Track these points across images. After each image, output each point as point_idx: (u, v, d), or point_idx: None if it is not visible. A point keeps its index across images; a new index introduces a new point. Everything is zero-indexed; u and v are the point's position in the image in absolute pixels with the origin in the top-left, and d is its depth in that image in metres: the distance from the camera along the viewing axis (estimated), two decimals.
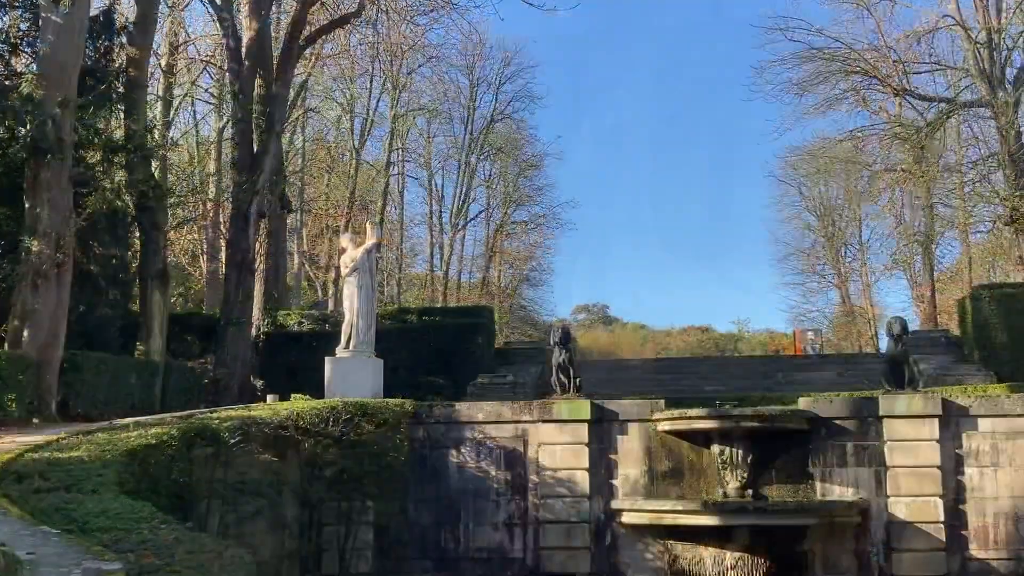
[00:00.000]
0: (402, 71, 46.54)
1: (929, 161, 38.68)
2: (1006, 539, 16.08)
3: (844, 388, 24.79)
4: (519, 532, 17.13)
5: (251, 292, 24.08)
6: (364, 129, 45.19)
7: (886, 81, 36.41)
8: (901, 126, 37.64)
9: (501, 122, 56.21)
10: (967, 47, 35.35)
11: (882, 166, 40.43)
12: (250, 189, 23.04)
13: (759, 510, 15.61)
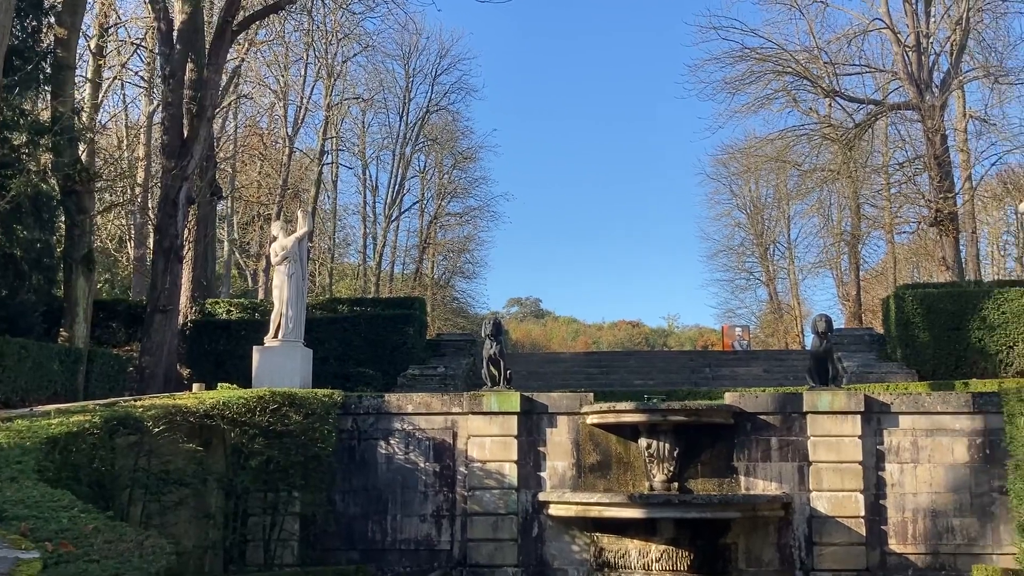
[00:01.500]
0: (337, 59, 46.17)
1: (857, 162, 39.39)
2: (924, 534, 16.45)
3: (770, 384, 25.16)
4: (447, 524, 17.17)
5: (179, 279, 23.69)
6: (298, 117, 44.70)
7: (817, 82, 36.96)
8: (830, 127, 38.25)
9: (437, 113, 56.04)
10: (896, 50, 36.05)
11: (811, 166, 41.06)
12: (180, 175, 22.67)
13: (684, 503, 15.78)
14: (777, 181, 55.28)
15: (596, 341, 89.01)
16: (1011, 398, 16.05)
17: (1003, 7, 37.57)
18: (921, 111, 34.39)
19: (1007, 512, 16.11)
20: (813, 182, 44.21)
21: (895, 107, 37.55)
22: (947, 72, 35.92)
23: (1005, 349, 25.08)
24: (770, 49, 37.16)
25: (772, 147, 42.89)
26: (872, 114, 37.61)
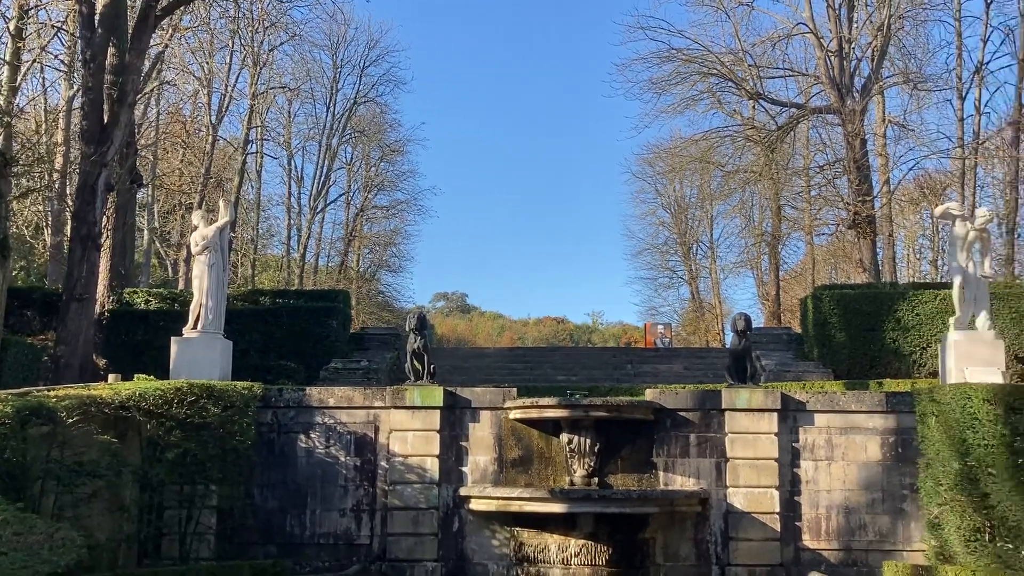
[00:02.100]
0: (263, 48, 45.61)
1: (778, 164, 40.01)
2: (837, 530, 16.77)
3: (690, 381, 25.48)
4: (367, 518, 17.08)
5: (96, 268, 23.20)
6: (222, 105, 44.11)
7: (741, 84, 37.47)
8: (753, 129, 38.82)
9: (365, 105, 55.69)
10: (819, 55, 36.69)
11: (734, 167, 41.61)
12: (99, 161, 22.21)
13: (604, 498, 15.91)
14: (701, 181, 55.92)
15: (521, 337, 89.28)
16: (923, 398, 16.44)
17: (923, 15, 38.54)
18: (842, 115, 35.05)
19: (918, 509, 16.50)
20: (736, 183, 44.81)
21: (817, 111, 38.23)
22: (868, 77, 36.65)
23: (919, 350, 25.70)
24: (696, 51, 37.62)
25: (697, 147, 43.38)
26: (794, 117, 38.24)
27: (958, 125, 39.63)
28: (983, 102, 39.83)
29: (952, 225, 18.58)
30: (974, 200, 38.35)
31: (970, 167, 39.69)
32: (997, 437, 14.95)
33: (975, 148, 39.35)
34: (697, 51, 37.69)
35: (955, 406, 15.56)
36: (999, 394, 15.20)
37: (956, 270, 18.30)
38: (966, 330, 18.04)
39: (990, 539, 14.94)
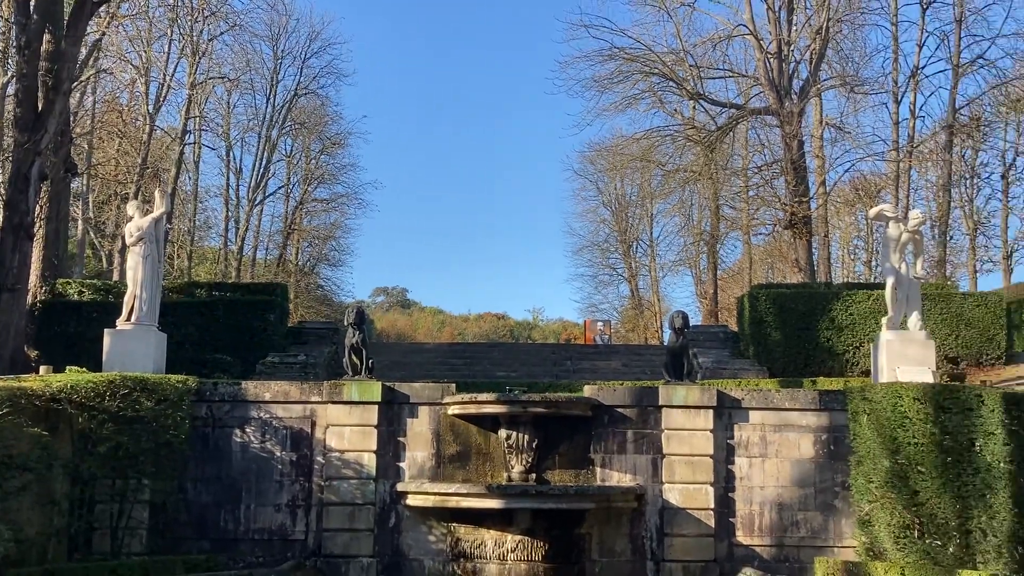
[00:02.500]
0: (203, 37, 44.96)
1: (718, 164, 40.38)
2: (770, 526, 16.98)
3: (628, 378, 25.64)
4: (302, 513, 16.96)
5: (28, 258, 22.72)
6: (160, 94, 43.36)
7: (682, 84, 37.75)
8: (694, 129, 39.12)
9: (305, 97, 55.07)
10: (759, 56, 37.07)
11: (674, 166, 41.92)
12: (32, 149, 21.76)
13: (541, 494, 15.95)
14: (642, 180, 56.25)
15: (462, 332, 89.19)
16: (855, 396, 16.69)
17: (861, 19, 39.16)
18: (780, 117, 35.46)
19: (849, 506, 16.76)
20: (676, 182, 45.17)
21: (756, 112, 38.64)
22: (806, 80, 37.11)
23: (852, 349, 26.12)
24: (638, 50, 37.80)
25: (638, 146, 43.61)
26: (734, 118, 38.61)
27: (893, 128, 40.36)
28: (918, 106, 40.65)
29: (886, 227, 18.89)
30: (908, 202, 39.08)
31: (904, 170, 40.41)
32: (927, 436, 15.25)
33: (909, 151, 40.07)
34: (639, 50, 37.90)
35: (886, 405, 15.84)
36: (929, 393, 15.50)
37: (889, 271, 18.61)
38: (898, 330, 18.36)
39: (919, 536, 15.23)
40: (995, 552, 14.26)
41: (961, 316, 26.33)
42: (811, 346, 26.44)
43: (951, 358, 25.79)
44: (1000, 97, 42.81)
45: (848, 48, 39.30)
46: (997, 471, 14.35)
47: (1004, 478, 14.22)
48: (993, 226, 48.65)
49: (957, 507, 14.82)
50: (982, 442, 14.65)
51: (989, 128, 45.36)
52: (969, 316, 26.35)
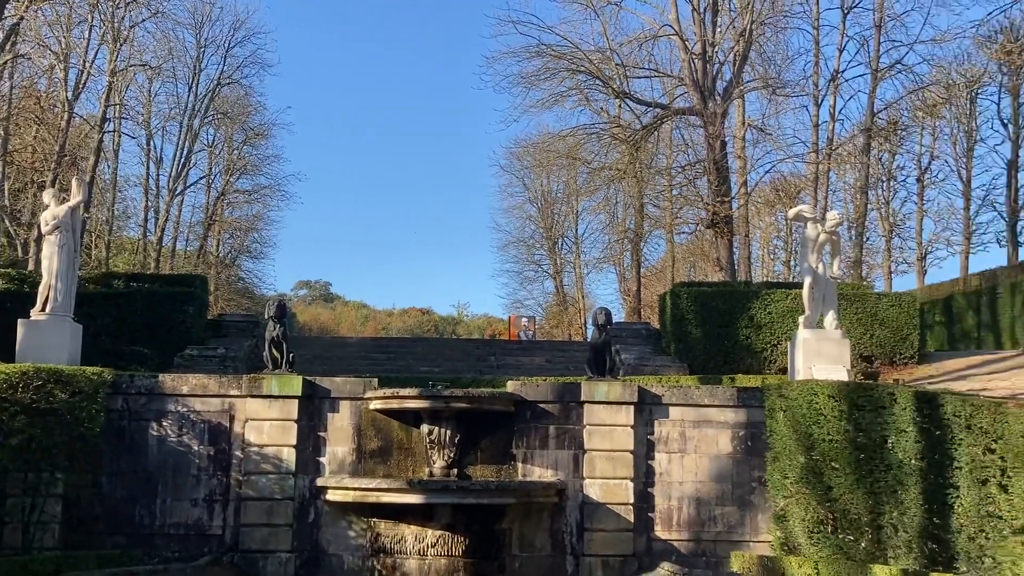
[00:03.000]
0: (124, 23, 44.05)
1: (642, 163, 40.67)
2: (688, 521, 17.18)
3: (552, 373, 25.73)
4: (219, 508, 16.73)
5: None
6: (79, 81, 42.38)
7: (608, 83, 37.93)
8: (619, 127, 39.34)
9: (229, 87, 54.33)
10: (684, 57, 37.40)
11: (600, 164, 42.13)
12: None
13: (462, 489, 15.93)
14: (568, 177, 56.56)
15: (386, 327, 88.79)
16: (772, 393, 16.96)
17: (784, 22, 39.69)
18: (704, 117, 35.84)
19: (765, 501, 17.02)
20: (601, 180, 45.40)
21: (680, 112, 39.00)
22: (730, 81, 37.55)
23: (770, 347, 26.53)
24: (565, 47, 37.88)
25: (564, 143, 43.75)
26: (658, 117, 38.93)
27: (813, 130, 41.05)
28: (838, 109, 41.36)
29: (804, 227, 19.21)
30: (826, 203, 39.81)
31: (823, 172, 41.12)
32: (841, 432, 15.53)
33: (828, 153, 40.78)
34: (566, 48, 37.98)
35: (802, 402, 16.11)
36: (843, 391, 15.78)
37: (807, 270, 18.93)
38: (815, 329, 18.69)
39: (832, 531, 15.51)
40: (905, 547, 14.56)
41: (876, 316, 26.87)
42: (731, 344, 26.79)
43: (866, 357, 26.32)
44: (917, 102, 43.87)
45: (771, 51, 39.91)
46: (908, 468, 14.65)
47: (915, 475, 14.51)
48: (908, 228, 50.01)
49: (869, 503, 15.11)
50: (894, 439, 14.94)
51: (906, 132, 46.52)
52: (884, 316, 26.91)
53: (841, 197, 48.61)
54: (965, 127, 46.49)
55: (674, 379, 22.91)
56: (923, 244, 49.23)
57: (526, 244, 65.80)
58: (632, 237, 54.03)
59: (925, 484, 14.35)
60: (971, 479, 13.49)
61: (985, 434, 13.32)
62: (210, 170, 56.65)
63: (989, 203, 46.15)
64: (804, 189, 44.15)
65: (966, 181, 46.76)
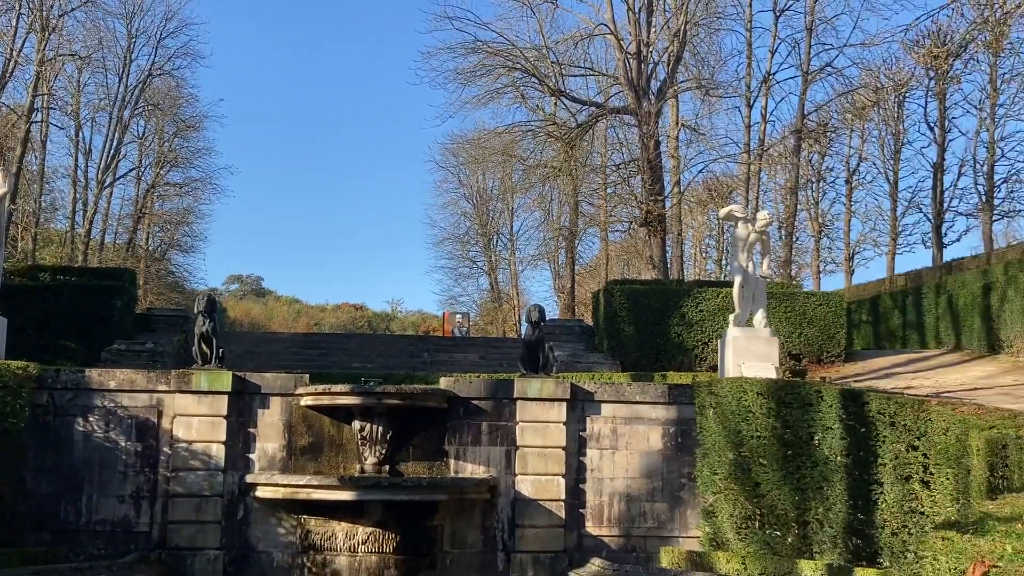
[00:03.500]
0: (53, 12, 43.20)
1: (577, 161, 40.84)
2: (618, 517, 17.30)
3: (485, 370, 25.76)
4: (146, 505, 16.50)
5: None
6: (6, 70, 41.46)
7: (544, 81, 37.98)
8: (555, 125, 39.41)
9: (160, 78, 53.53)
10: (619, 56, 37.58)
11: (535, 161, 42.24)
12: None
13: (393, 486, 15.91)
14: (503, 174, 56.67)
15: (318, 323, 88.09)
16: (702, 390, 17.15)
17: (717, 24, 40.12)
18: (638, 116, 36.06)
19: (694, 497, 17.21)
20: (536, 177, 45.51)
21: (615, 111, 39.20)
22: (664, 81, 37.82)
23: (701, 345, 26.82)
24: (501, 44, 37.85)
25: (499, 140, 43.76)
26: (593, 116, 39.09)
27: (745, 131, 41.53)
28: (769, 110, 41.88)
29: (735, 227, 19.46)
30: (757, 203, 40.33)
31: (754, 172, 41.67)
32: (769, 429, 15.77)
33: (760, 154, 41.31)
34: (502, 45, 37.95)
35: (731, 399, 16.33)
36: (772, 388, 16.02)
37: (737, 269, 19.19)
38: (744, 327, 18.95)
39: (760, 526, 15.74)
40: (831, 542, 14.83)
41: (804, 315, 27.31)
42: (663, 341, 27.03)
43: (794, 355, 26.73)
44: (846, 104, 44.64)
45: (704, 52, 40.28)
46: (834, 464, 14.92)
47: (840, 471, 14.79)
48: (836, 228, 50.87)
49: (796, 499, 15.36)
50: (820, 436, 15.22)
51: (835, 134, 47.32)
52: (812, 315, 27.36)
53: (772, 197, 49.31)
54: (893, 130, 47.38)
55: (607, 376, 23.05)
56: (851, 244, 50.11)
57: (461, 240, 65.82)
58: (567, 235, 54.27)
59: (850, 480, 14.63)
60: (895, 476, 13.79)
61: (908, 431, 13.62)
62: (140, 162, 55.84)
63: (915, 205, 47.16)
64: (736, 189, 44.74)
65: (893, 183, 47.67)
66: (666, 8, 38.65)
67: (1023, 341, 23.73)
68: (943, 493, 12.68)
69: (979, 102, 43.81)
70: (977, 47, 40.29)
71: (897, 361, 26.99)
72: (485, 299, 66.39)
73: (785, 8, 41.25)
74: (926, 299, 31.50)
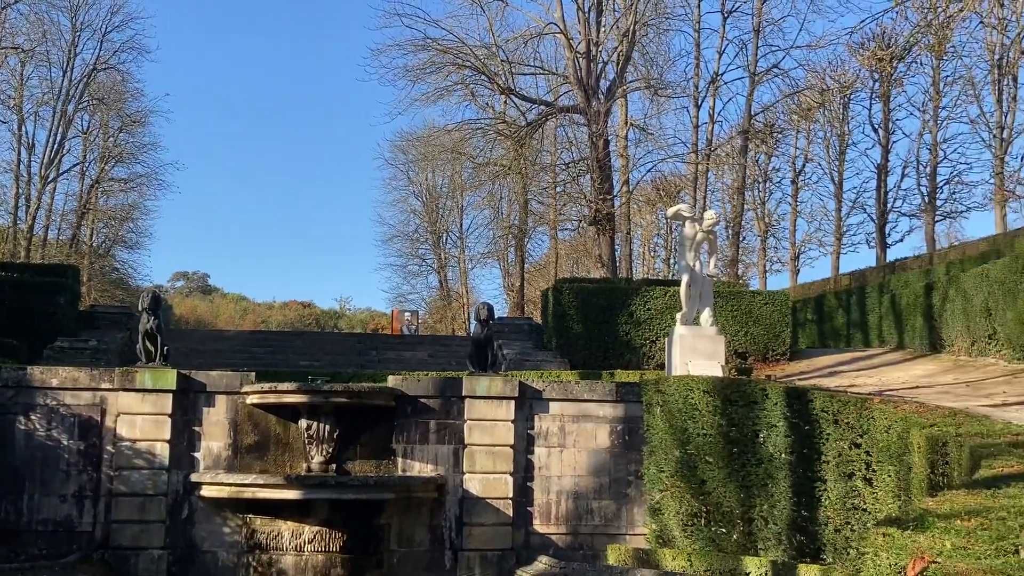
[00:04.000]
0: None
1: (527, 159, 40.90)
2: (566, 515, 17.36)
3: (434, 368, 25.70)
4: (89, 505, 16.28)
5: None
6: None
7: (494, 79, 38.00)
8: (504, 123, 39.45)
9: (105, 72, 52.78)
10: (568, 55, 37.74)
11: (485, 159, 42.25)
12: None
13: (340, 485, 15.85)
14: (453, 172, 56.65)
15: (266, 320, 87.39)
16: (649, 389, 17.26)
17: (666, 24, 40.43)
18: (587, 116, 36.22)
19: (641, 495, 17.31)
20: (486, 175, 45.51)
21: (564, 110, 39.32)
22: (613, 81, 38.02)
23: (648, 343, 26.98)
24: (451, 42, 37.81)
25: (449, 138, 43.73)
26: (543, 114, 39.18)
27: (693, 131, 41.85)
28: (717, 111, 42.29)
29: (683, 226, 19.62)
30: (705, 203, 40.67)
31: (702, 172, 42.02)
32: (715, 427, 15.92)
33: (707, 154, 41.67)
34: (452, 42, 37.90)
35: (678, 397, 16.45)
36: (718, 386, 16.18)
37: (684, 268, 19.34)
38: (691, 325, 19.10)
39: (706, 523, 15.88)
40: (775, 539, 15.01)
41: (751, 313, 27.57)
42: (611, 339, 27.15)
43: (740, 353, 26.97)
44: (792, 105, 45.15)
45: (653, 52, 40.59)
46: (778, 461, 15.10)
47: (784, 468, 14.97)
48: (783, 228, 51.42)
49: (741, 496, 15.52)
50: (765, 434, 15.39)
51: (781, 135, 47.80)
52: (758, 313, 27.63)
53: (719, 197, 49.75)
54: (838, 131, 47.96)
55: (555, 374, 23.11)
56: (796, 244, 50.66)
57: (410, 238, 65.67)
58: (516, 233, 54.36)
59: (794, 478, 14.81)
60: (838, 473, 13.98)
61: (851, 429, 13.82)
62: (84, 157, 54.99)
63: (860, 205, 47.77)
64: (684, 188, 45.04)
65: (838, 183, 48.27)
66: (615, 8, 38.87)
67: (964, 340, 24.12)
68: (885, 490, 12.86)
69: (922, 104, 44.56)
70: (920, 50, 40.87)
71: (841, 359, 27.33)
72: (434, 297, 66.30)
73: (733, 9, 41.68)
74: (870, 298, 31.94)
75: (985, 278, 23.07)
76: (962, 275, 25.30)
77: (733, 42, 42.05)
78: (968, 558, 5.25)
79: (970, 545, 5.62)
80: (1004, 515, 6.48)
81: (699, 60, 42.21)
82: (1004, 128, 40.80)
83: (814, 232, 50.45)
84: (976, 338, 23.45)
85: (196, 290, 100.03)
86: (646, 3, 37.57)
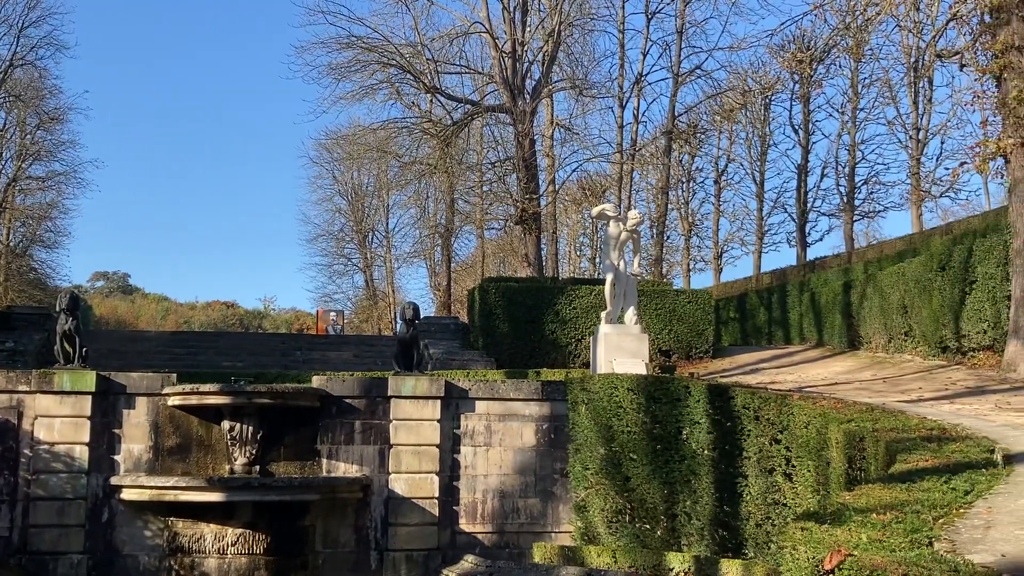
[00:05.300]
0: None
1: (453, 158, 40.85)
2: (492, 514, 17.41)
3: (360, 368, 25.58)
4: (6, 510, 15.92)
5: None
6: None
7: (420, 77, 37.90)
8: (430, 122, 39.35)
9: (21, 68, 51.49)
10: (494, 55, 37.78)
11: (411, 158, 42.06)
12: None
13: (264, 486, 15.71)
14: (378, 170, 56.30)
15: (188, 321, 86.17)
16: (575, 387, 17.38)
17: (591, 24, 40.71)
18: (513, 115, 36.30)
19: (567, 493, 17.42)
20: (412, 174, 45.31)
21: (490, 109, 39.36)
22: (539, 80, 38.17)
23: (574, 342, 27.16)
24: (376, 40, 37.60)
25: (375, 136, 43.48)
26: (469, 113, 39.16)
27: (618, 131, 42.25)
28: (641, 111, 42.75)
29: (607, 225, 19.79)
30: (629, 202, 41.02)
31: (627, 172, 42.39)
32: (639, 424, 16.08)
33: (632, 154, 42.05)
34: (377, 40, 37.68)
35: (603, 395, 16.58)
36: (642, 384, 16.34)
37: (608, 267, 19.51)
38: (616, 324, 19.26)
39: (630, 520, 16.04)
40: (698, 534, 15.21)
41: (674, 312, 27.89)
42: (537, 338, 27.27)
43: (664, 351, 27.28)
44: (715, 106, 45.78)
45: (578, 52, 40.79)
46: (701, 458, 15.30)
47: (707, 465, 15.17)
48: (706, 227, 52.11)
49: (665, 492, 15.70)
50: (688, 431, 15.58)
51: (704, 135, 48.44)
52: (681, 312, 27.96)
53: (644, 197, 50.25)
54: (759, 132, 48.72)
55: (481, 373, 23.13)
56: (719, 243, 51.37)
57: (336, 237, 65.20)
58: (443, 232, 54.29)
59: (717, 474, 15.02)
60: (759, 468, 14.21)
61: (772, 425, 14.05)
62: (1, 155, 53.63)
63: (780, 205, 48.62)
64: (609, 188, 45.38)
65: (759, 183, 49.04)
66: (541, 8, 39.01)
67: (881, 337, 24.68)
68: (804, 485, 13.09)
69: (841, 106, 45.48)
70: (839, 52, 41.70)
71: (763, 357, 27.79)
72: (360, 297, 65.92)
73: (657, 11, 42.12)
74: (790, 296, 32.52)
75: (901, 276, 23.63)
76: (879, 274, 25.88)
77: (657, 43, 42.55)
78: (883, 551, 5.37)
79: (885, 538, 5.75)
80: (919, 508, 6.65)
81: (624, 61, 42.63)
82: (920, 129, 41.83)
83: (736, 231, 51.26)
84: (893, 335, 24.01)
85: (117, 290, 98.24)
86: (571, 4, 37.78)
